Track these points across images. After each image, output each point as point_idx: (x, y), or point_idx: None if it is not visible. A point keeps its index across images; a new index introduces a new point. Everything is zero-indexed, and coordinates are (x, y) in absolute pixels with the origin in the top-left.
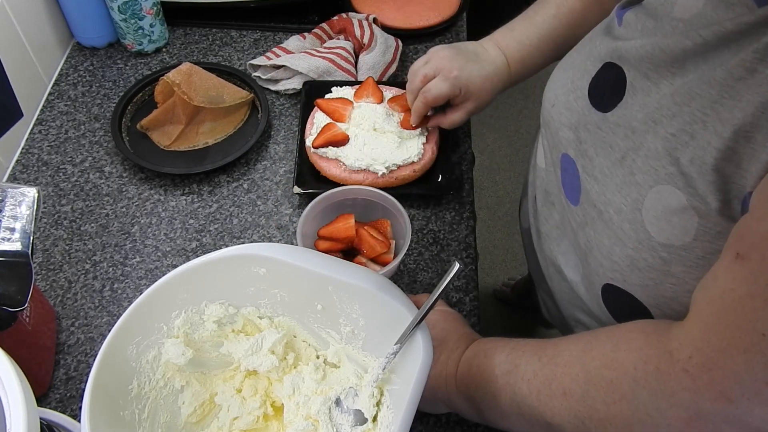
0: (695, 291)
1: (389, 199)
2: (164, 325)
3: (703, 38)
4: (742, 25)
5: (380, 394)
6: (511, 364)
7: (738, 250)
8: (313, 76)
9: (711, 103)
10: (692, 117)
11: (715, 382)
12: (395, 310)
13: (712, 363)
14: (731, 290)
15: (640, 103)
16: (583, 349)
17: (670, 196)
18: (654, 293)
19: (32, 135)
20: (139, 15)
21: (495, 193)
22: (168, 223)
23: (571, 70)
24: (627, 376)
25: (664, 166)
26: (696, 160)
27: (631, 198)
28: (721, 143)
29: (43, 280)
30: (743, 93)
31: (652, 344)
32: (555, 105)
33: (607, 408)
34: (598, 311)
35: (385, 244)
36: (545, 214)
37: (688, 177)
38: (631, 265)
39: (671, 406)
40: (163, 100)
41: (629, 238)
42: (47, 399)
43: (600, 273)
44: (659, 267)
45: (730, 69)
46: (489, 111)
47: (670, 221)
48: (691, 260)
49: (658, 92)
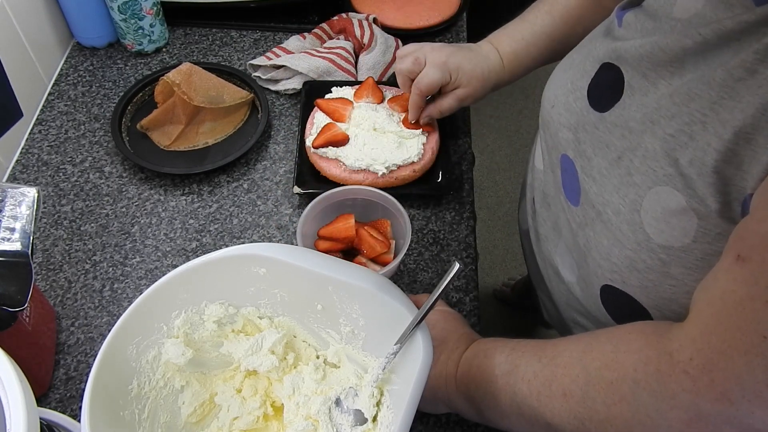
0: (695, 292)
1: (389, 199)
2: (164, 325)
3: (703, 36)
4: (742, 24)
5: (380, 394)
6: (511, 364)
7: (739, 251)
8: (313, 76)
9: (710, 104)
10: (691, 118)
11: (716, 383)
12: (395, 310)
13: (713, 365)
14: (732, 292)
15: (638, 103)
16: (583, 350)
17: (669, 198)
18: (653, 294)
19: (32, 135)
20: (139, 15)
21: (495, 193)
22: (168, 223)
23: (571, 71)
24: (627, 378)
25: (663, 167)
26: (695, 162)
27: (629, 199)
28: (721, 145)
29: (43, 280)
30: (743, 94)
31: (653, 346)
32: (555, 106)
33: (607, 409)
34: (597, 313)
35: (385, 244)
36: (543, 216)
37: (688, 178)
38: (630, 267)
39: (672, 407)
40: (163, 100)
41: (628, 239)
42: (47, 399)
43: (599, 274)
44: (658, 268)
45: (730, 69)
46: (489, 111)
47: (669, 223)
48: (690, 262)
49: (656, 92)
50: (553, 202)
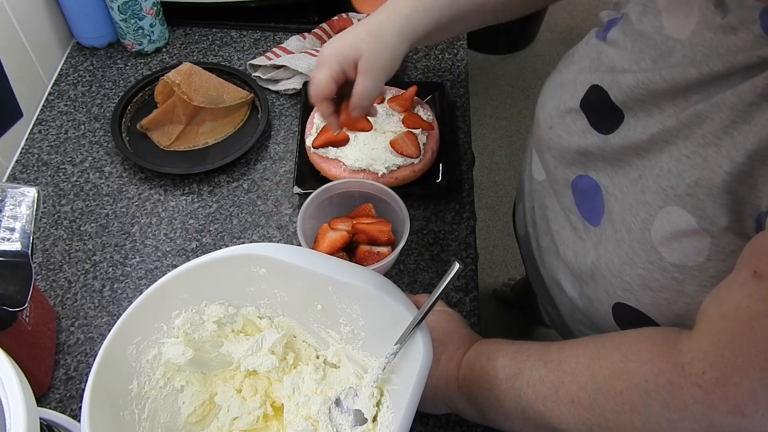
0: (705, 302)
1: (387, 192)
2: (164, 325)
3: (711, 68)
4: (755, 58)
5: (380, 395)
6: (515, 368)
7: (756, 268)
8: None
9: (723, 126)
10: (705, 140)
11: (729, 397)
12: (395, 310)
13: (726, 379)
14: (747, 308)
15: (642, 125)
16: (590, 356)
17: (679, 218)
18: (667, 312)
19: (32, 135)
20: (139, 15)
21: (495, 193)
22: (168, 223)
23: (560, 91)
24: (638, 388)
25: (673, 186)
26: (703, 182)
27: (641, 218)
28: (734, 167)
29: (43, 280)
30: (757, 117)
31: (664, 357)
32: (552, 128)
33: (617, 417)
34: (605, 326)
35: (384, 226)
36: (543, 228)
37: (696, 198)
38: (642, 285)
39: (683, 418)
40: (163, 100)
41: (640, 258)
42: (47, 399)
43: (610, 292)
44: (672, 287)
45: (740, 93)
46: (489, 111)
47: (681, 242)
48: (705, 279)
49: (661, 114)
50: (553, 218)
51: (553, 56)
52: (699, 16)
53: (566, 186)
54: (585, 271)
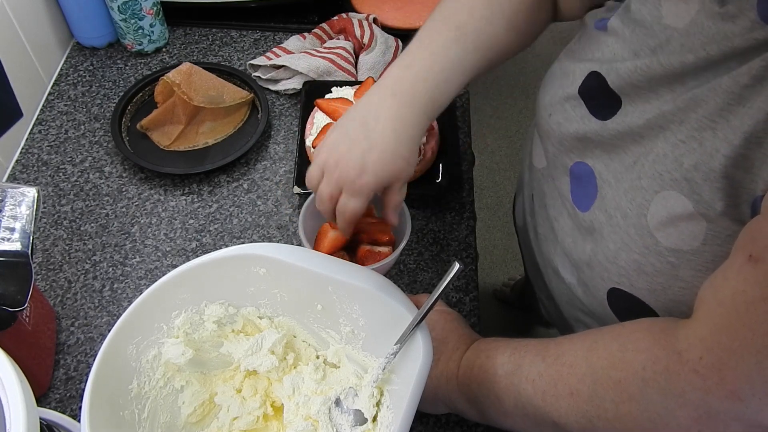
0: (701, 289)
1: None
2: (164, 325)
3: (708, 52)
4: (751, 41)
5: (380, 394)
6: (514, 364)
7: (751, 252)
8: (313, 76)
9: (718, 110)
10: (700, 124)
11: (726, 382)
12: (395, 310)
13: (723, 364)
14: (743, 292)
15: (640, 110)
16: (588, 348)
17: (676, 202)
18: (662, 297)
19: (32, 135)
20: (139, 15)
21: (495, 193)
22: (168, 223)
23: (560, 79)
24: (636, 377)
25: (670, 171)
26: (701, 166)
27: (636, 203)
28: (731, 150)
29: (43, 280)
30: (753, 100)
31: (660, 344)
32: (552, 114)
33: (616, 407)
34: (602, 313)
35: (384, 227)
36: (542, 216)
37: (693, 183)
38: (637, 270)
39: (681, 405)
40: (163, 100)
41: (635, 243)
42: (47, 399)
43: (605, 277)
44: (668, 272)
45: (735, 77)
46: (489, 111)
47: (677, 227)
48: (700, 264)
49: (658, 99)
50: (551, 204)
51: (553, 56)
52: (698, 5)
53: (565, 172)
54: (582, 258)
